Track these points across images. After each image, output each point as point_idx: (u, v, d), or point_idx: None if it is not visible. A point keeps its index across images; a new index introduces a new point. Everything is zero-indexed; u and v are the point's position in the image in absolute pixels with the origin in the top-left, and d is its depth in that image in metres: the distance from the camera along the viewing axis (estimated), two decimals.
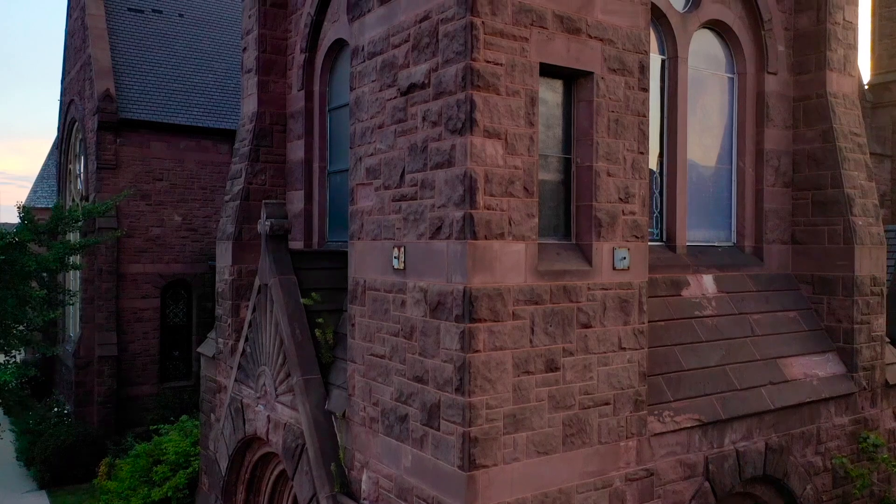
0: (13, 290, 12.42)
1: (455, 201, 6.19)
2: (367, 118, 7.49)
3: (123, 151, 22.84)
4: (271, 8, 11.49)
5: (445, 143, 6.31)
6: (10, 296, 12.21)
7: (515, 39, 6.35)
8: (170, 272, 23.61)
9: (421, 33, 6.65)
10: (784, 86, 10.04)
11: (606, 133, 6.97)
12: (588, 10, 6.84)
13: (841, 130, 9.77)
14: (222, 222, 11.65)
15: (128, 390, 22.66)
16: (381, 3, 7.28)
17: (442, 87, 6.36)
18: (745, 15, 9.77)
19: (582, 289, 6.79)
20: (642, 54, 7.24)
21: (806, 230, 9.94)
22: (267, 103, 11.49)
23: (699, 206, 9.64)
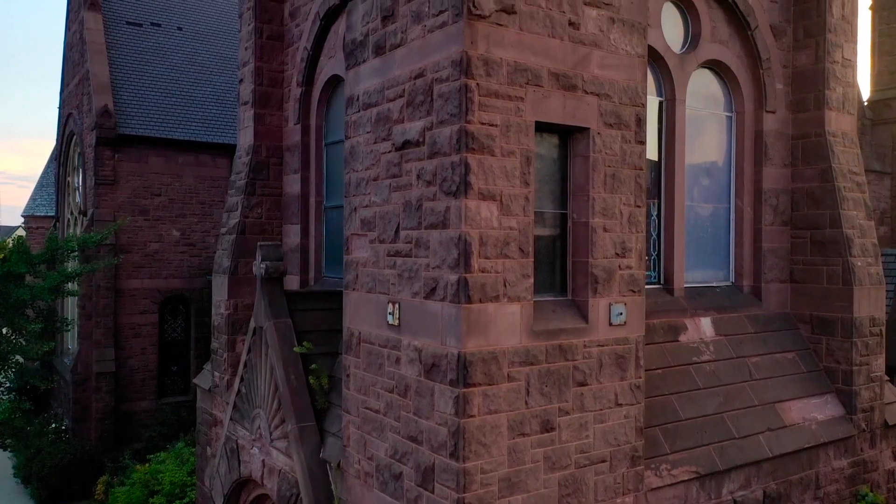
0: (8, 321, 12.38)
1: (450, 264, 6.13)
2: (362, 169, 7.43)
3: (121, 167, 22.80)
4: (268, 41, 11.43)
5: (440, 205, 6.25)
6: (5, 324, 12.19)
7: (511, 99, 6.29)
8: (168, 287, 23.56)
9: (416, 90, 6.59)
10: (783, 124, 9.98)
11: (603, 188, 6.91)
12: (584, 65, 6.78)
13: (840, 170, 9.71)
14: (218, 255, 11.60)
15: (126, 406, 22.62)
16: (377, 54, 7.22)
17: (436, 148, 6.30)
18: (744, 54, 9.71)
19: (578, 347, 6.73)
20: (639, 107, 7.18)
21: (805, 269, 9.89)
22: (263, 136, 11.43)
23: (697, 245, 9.58)
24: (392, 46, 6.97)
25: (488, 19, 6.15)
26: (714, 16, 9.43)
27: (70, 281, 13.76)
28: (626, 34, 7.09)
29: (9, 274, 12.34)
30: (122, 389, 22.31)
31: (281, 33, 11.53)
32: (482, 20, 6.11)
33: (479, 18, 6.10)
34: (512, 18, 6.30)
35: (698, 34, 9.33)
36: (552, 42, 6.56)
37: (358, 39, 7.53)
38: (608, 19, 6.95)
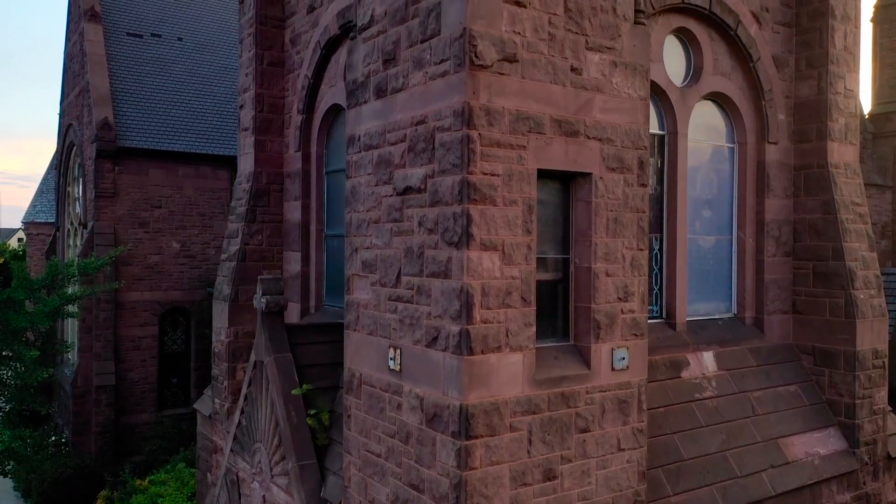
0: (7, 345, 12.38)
1: (451, 315, 6.10)
2: (364, 210, 7.40)
3: (122, 179, 22.77)
4: (268, 67, 11.40)
5: (442, 254, 6.22)
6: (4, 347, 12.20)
7: (513, 148, 6.26)
8: (168, 300, 23.53)
9: (417, 137, 6.56)
10: (785, 154, 9.95)
11: (605, 233, 6.88)
12: (586, 110, 6.75)
13: (842, 201, 9.68)
14: (219, 282, 11.57)
15: (126, 418, 22.60)
16: (378, 96, 7.19)
17: (438, 196, 6.27)
18: (746, 85, 9.68)
19: (580, 393, 6.70)
20: (641, 150, 7.15)
21: (807, 300, 9.86)
22: (264, 163, 11.40)
23: (699, 278, 9.55)
24: (393, 90, 6.94)
25: (490, 69, 6.12)
26: (716, 48, 9.39)
27: (70, 303, 13.76)
28: (629, 77, 7.05)
29: (9, 300, 12.32)
30: (122, 402, 22.29)
31: (282, 59, 11.50)
32: (484, 70, 6.08)
33: (481, 68, 6.07)
34: (514, 67, 6.27)
35: (700, 67, 9.29)
36: (554, 88, 6.53)
37: (359, 80, 7.49)
38: (610, 63, 6.92)
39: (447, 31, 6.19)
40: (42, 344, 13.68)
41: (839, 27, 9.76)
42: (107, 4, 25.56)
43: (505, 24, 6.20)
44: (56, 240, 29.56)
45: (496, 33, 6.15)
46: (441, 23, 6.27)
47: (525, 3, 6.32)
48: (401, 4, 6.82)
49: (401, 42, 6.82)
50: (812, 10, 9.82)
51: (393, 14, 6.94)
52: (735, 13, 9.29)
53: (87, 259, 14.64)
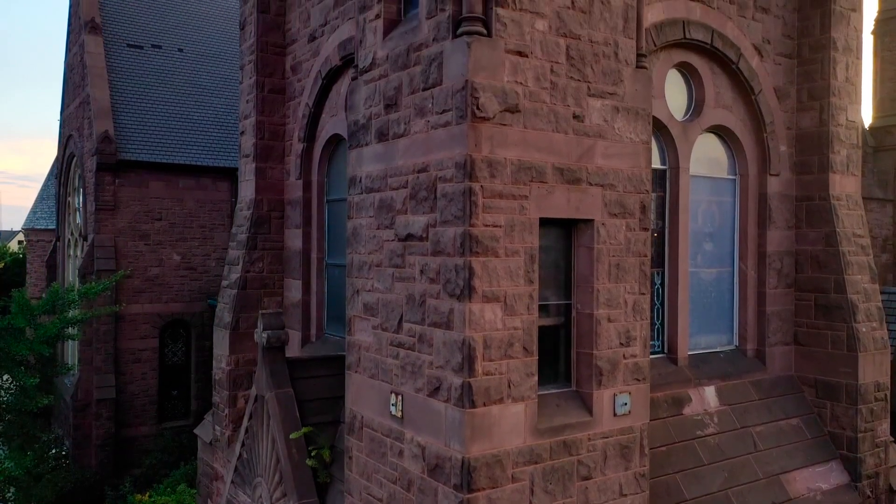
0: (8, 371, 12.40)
1: (454, 367, 6.09)
2: (365, 253, 7.39)
3: (122, 192, 22.77)
4: (269, 94, 11.39)
5: (444, 305, 6.20)
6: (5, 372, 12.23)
7: (515, 198, 6.25)
8: (168, 312, 23.53)
9: (419, 185, 6.55)
10: (786, 185, 9.94)
11: (607, 279, 6.86)
12: (588, 157, 6.73)
13: (844, 234, 9.67)
14: (219, 309, 11.56)
15: (126, 431, 22.60)
16: (379, 140, 7.18)
17: (440, 247, 6.25)
18: (747, 117, 9.67)
19: (582, 441, 6.69)
20: (643, 194, 7.13)
21: (809, 332, 9.85)
22: (264, 190, 11.39)
23: (701, 310, 9.54)
24: (395, 135, 6.92)
25: (492, 120, 6.10)
26: (718, 81, 9.38)
27: (70, 326, 13.77)
28: (631, 122, 7.04)
29: (9, 327, 12.32)
30: (122, 415, 22.30)
31: (282, 86, 11.48)
32: (486, 122, 6.07)
33: (483, 120, 6.05)
34: (516, 117, 6.25)
35: (702, 100, 9.28)
36: (556, 137, 6.51)
37: (360, 122, 7.48)
38: (612, 108, 6.91)
39: (449, 82, 6.18)
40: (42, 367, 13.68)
41: (841, 59, 9.75)
42: (107, 16, 25.55)
43: (507, 75, 6.19)
44: (56, 249, 29.55)
45: (498, 84, 6.13)
46: (443, 73, 6.25)
47: (527, 52, 6.30)
48: (402, 51, 6.81)
49: (402, 88, 6.80)
50: (814, 42, 9.81)
51: (395, 59, 6.92)
52: (737, 46, 9.28)
53: (88, 284, 14.66)
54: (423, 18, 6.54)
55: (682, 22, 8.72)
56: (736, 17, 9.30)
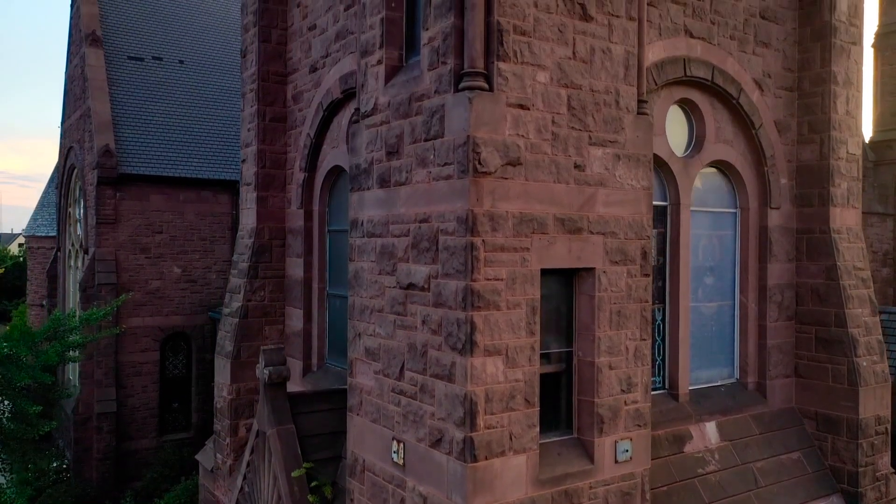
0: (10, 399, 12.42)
1: (455, 421, 6.10)
2: (367, 297, 7.40)
3: (123, 205, 22.78)
4: (270, 123, 11.40)
5: (445, 358, 6.22)
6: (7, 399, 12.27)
7: (516, 251, 6.26)
8: (169, 325, 23.53)
9: (421, 235, 6.56)
10: (787, 218, 9.95)
11: (608, 326, 6.88)
12: (589, 206, 6.75)
13: (845, 267, 9.68)
14: (220, 337, 11.58)
15: (127, 444, 22.61)
16: (381, 186, 7.19)
17: (442, 299, 6.27)
18: (748, 151, 9.68)
19: (583, 490, 6.70)
20: (644, 240, 7.15)
21: (810, 365, 9.86)
22: (266, 218, 11.40)
23: (702, 345, 9.55)
24: (396, 183, 6.94)
25: (494, 174, 6.12)
26: (718, 116, 9.39)
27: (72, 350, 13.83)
28: (632, 168, 7.06)
29: (10, 356, 12.35)
30: (123, 428, 22.31)
31: (283, 115, 11.50)
32: (488, 176, 6.09)
33: (485, 175, 6.07)
34: (518, 170, 6.27)
35: (703, 136, 9.30)
36: (557, 187, 6.53)
37: (362, 166, 7.49)
38: (614, 156, 6.92)
39: (451, 136, 6.19)
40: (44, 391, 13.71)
41: (841, 92, 9.77)
42: (108, 28, 25.55)
43: (508, 128, 6.20)
44: (57, 259, 29.58)
45: (500, 138, 6.15)
46: (445, 126, 6.27)
47: (529, 105, 6.32)
48: (404, 99, 6.82)
49: (404, 136, 6.82)
50: (814, 76, 9.82)
51: (396, 107, 6.94)
52: (737, 82, 9.29)
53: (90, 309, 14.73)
54: (425, 69, 6.56)
55: (682, 60, 8.73)
56: (736, 53, 9.31)
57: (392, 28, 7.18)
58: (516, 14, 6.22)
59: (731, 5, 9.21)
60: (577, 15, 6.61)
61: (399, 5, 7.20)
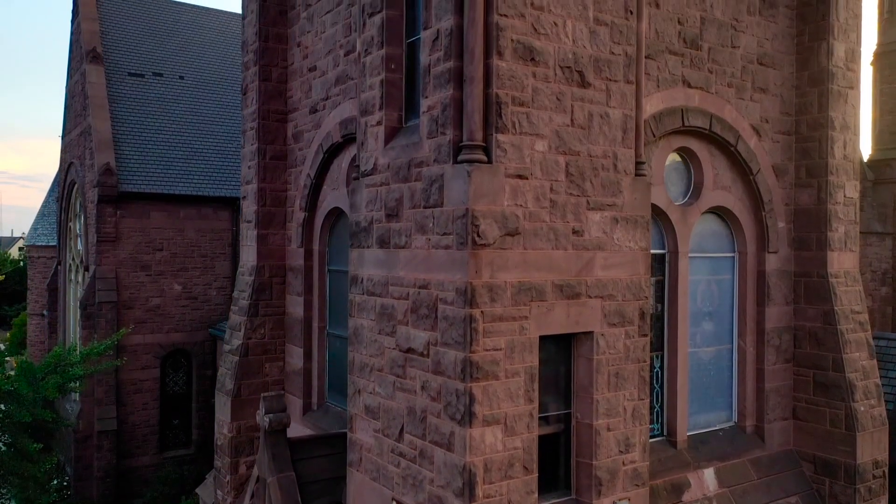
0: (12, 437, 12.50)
1: (454, 490, 6.15)
2: (367, 355, 7.45)
3: (123, 223, 22.84)
4: (271, 161, 11.46)
5: (445, 426, 6.27)
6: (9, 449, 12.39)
7: (515, 319, 6.31)
8: (170, 342, 23.59)
9: (420, 301, 6.61)
10: (785, 261, 10.00)
11: (606, 388, 6.93)
12: (588, 270, 6.80)
13: (842, 312, 9.73)
14: (221, 373, 11.63)
15: (127, 461, 22.68)
16: (381, 246, 7.24)
17: (441, 368, 6.32)
18: (746, 196, 9.73)
19: None
20: (642, 300, 7.20)
21: (808, 408, 9.91)
22: (266, 256, 11.46)
23: (700, 390, 9.60)
24: (396, 245, 6.99)
25: (492, 246, 6.17)
26: (716, 163, 9.44)
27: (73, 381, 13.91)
28: (630, 230, 7.10)
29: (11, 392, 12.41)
30: (123, 445, 22.37)
31: (284, 153, 11.54)
32: (486, 248, 6.13)
33: (484, 247, 6.12)
34: (516, 239, 6.32)
35: (701, 183, 9.34)
36: (556, 254, 6.58)
37: (362, 224, 7.54)
38: (612, 220, 6.97)
39: (450, 206, 6.24)
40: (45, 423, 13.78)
41: (838, 138, 9.81)
42: (108, 44, 25.60)
43: (507, 199, 6.25)
44: (58, 273, 29.66)
45: (498, 209, 6.20)
46: (444, 196, 6.32)
47: (527, 174, 6.37)
48: (404, 163, 6.87)
49: (403, 201, 6.87)
50: (811, 121, 9.87)
51: (396, 170, 6.99)
52: (735, 129, 9.34)
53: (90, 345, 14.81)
54: (424, 136, 6.60)
55: (680, 110, 8.78)
56: (734, 100, 9.36)
57: (392, 90, 7.23)
58: (515, 85, 6.27)
59: (728, 53, 9.26)
60: (575, 82, 6.66)
61: (399, 67, 7.25)
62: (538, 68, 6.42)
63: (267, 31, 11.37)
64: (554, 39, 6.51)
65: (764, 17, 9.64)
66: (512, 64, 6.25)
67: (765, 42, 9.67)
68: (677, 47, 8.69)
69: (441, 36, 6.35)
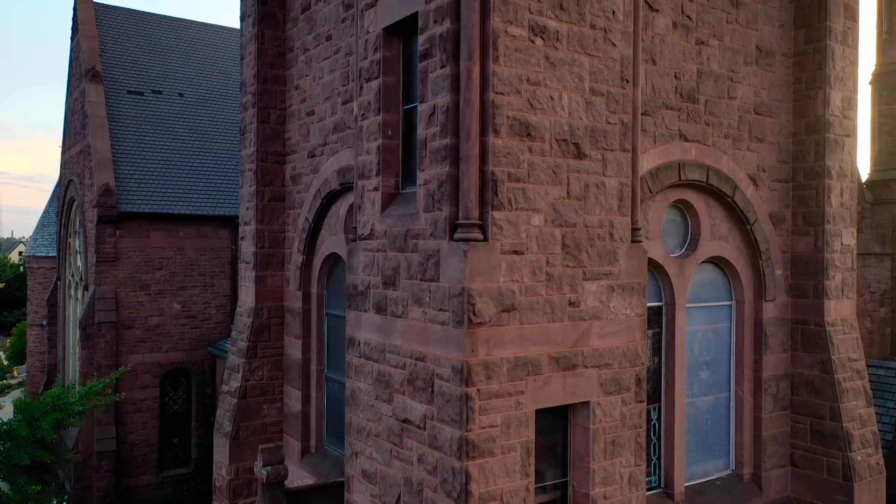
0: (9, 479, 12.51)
1: None
2: (364, 419, 7.47)
3: (123, 243, 22.86)
4: (269, 202, 11.47)
5: (441, 502, 6.28)
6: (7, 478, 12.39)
7: (511, 395, 6.33)
8: (169, 361, 23.61)
9: (416, 373, 6.63)
10: (782, 308, 10.01)
11: (603, 457, 6.95)
12: (584, 340, 6.81)
13: (839, 361, 9.74)
14: (219, 414, 11.65)
15: (127, 481, 22.70)
16: (377, 312, 7.26)
17: (437, 443, 6.34)
18: (743, 244, 9.74)
19: None
20: (639, 367, 7.22)
21: (805, 455, 9.92)
22: (264, 297, 11.47)
23: (697, 438, 9.61)
24: (393, 314, 7.01)
25: (489, 323, 6.18)
26: (713, 213, 9.45)
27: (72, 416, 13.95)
28: (626, 298, 7.12)
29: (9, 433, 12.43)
30: (123, 465, 22.40)
31: (282, 194, 11.56)
32: (482, 326, 6.15)
33: (480, 325, 6.14)
34: (512, 315, 6.34)
35: (698, 234, 9.36)
36: (552, 326, 6.59)
37: (359, 288, 7.56)
38: (608, 288, 6.99)
39: (446, 283, 6.25)
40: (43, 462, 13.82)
41: (835, 186, 9.83)
42: (108, 62, 25.62)
43: (503, 276, 6.27)
44: (57, 288, 29.71)
45: (494, 286, 6.22)
46: (440, 272, 6.33)
47: (523, 250, 6.39)
48: (400, 233, 6.89)
49: (400, 270, 6.88)
50: (808, 169, 9.88)
51: (392, 239, 7.00)
52: (732, 180, 9.35)
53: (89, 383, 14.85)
54: (421, 209, 6.62)
55: (677, 164, 8.79)
56: (731, 151, 9.37)
57: (388, 156, 7.25)
58: (511, 162, 6.29)
59: (725, 104, 9.27)
60: (571, 154, 6.67)
61: (395, 133, 7.27)
62: (534, 143, 6.43)
63: (265, 73, 11.38)
64: (550, 113, 6.53)
65: (761, 66, 9.65)
66: (508, 140, 6.26)
67: (762, 91, 9.68)
68: (674, 102, 8.70)
69: (437, 112, 6.37)
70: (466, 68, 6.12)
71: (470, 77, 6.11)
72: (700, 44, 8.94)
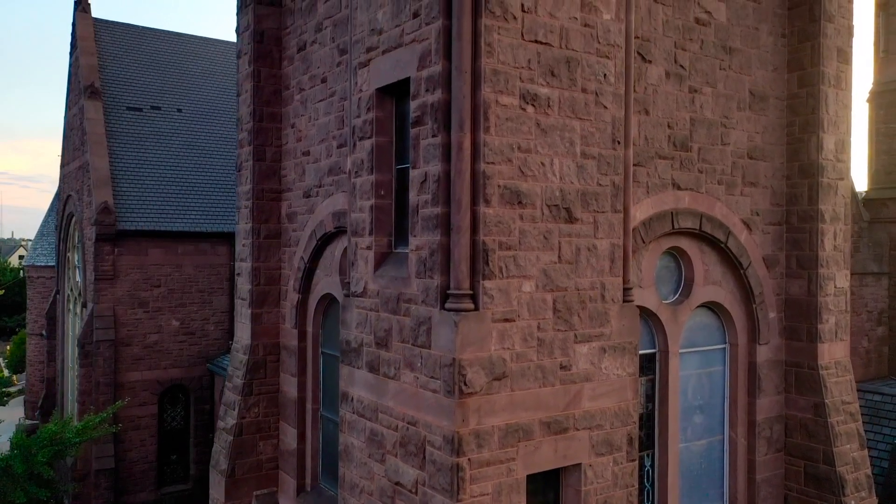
0: None
1: None
2: (357, 476, 7.50)
3: (121, 261, 22.92)
4: (265, 240, 11.50)
5: None
6: None
7: (502, 462, 6.36)
8: (167, 378, 23.67)
9: (409, 437, 6.66)
10: (776, 351, 10.04)
11: None
12: (575, 403, 6.84)
13: (833, 405, 9.77)
14: (215, 451, 11.68)
15: (126, 499, 22.76)
16: (370, 371, 7.29)
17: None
18: (736, 288, 9.77)
19: None
20: (630, 426, 7.25)
21: (799, 499, 9.96)
22: (260, 335, 11.50)
23: (691, 482, 9.63)
24: (385, 375, 7.04)
25: (479, 393, 6.21)
26: (707, 259, 9.48)
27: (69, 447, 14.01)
28: (618, 358, 7.15)
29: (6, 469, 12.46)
30: (121, 482, 22.46)
31: (278, 231, 11.59)
32: (473, 395, 6.18)
33: (471, 395, 6.17)
34: (504, 383, 6.37)
35: (691, 280, 9.38)
36: (543, 391, 6.62)
37: (353, 345, 7.59)
38: (599, 350, 7.02)
39: (437, 351, 6.28)
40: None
41: (828, 230, 9.86)
42: (106, 79, 25.68)
43: (494, 344, 6.30)
44: (56, 301, 29.79)
45: (485, 355, 6.24)
46: (431, 339, 6.36)
47: (514, 317, 6.42)
48: (392, 296, 6.92)
49: (392, 332, 6.91)
50: (802, 212, 9.91)
51: (385, 300, 7.03)
52: (725, 226, 9.38)
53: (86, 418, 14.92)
54: (413, 274, 6.65)
55: (670, 213, 8.82)
56: (725, 197, 9.40)
57: (381, 216, 7.28)
58: (502, 230, 6.32)
59: (718, 151, 9.30)
60: (562, 219, 6.70)
61: (388, 193, 7.30)
62: (525, 210, 6.47)
63: (261, 111, 11.41)
64: (541, 179, 6.56)
65: (754, 111, 9.68)
66: (499, 209, 6.29)
67: (755, 135, 9.71)
68: (667, 151, 8.73)
69: (429, 180, 6.40)
70: (457, 139, 6.15)
71: (461, 148, 6.14)
72: (693, 92, 8.97)
